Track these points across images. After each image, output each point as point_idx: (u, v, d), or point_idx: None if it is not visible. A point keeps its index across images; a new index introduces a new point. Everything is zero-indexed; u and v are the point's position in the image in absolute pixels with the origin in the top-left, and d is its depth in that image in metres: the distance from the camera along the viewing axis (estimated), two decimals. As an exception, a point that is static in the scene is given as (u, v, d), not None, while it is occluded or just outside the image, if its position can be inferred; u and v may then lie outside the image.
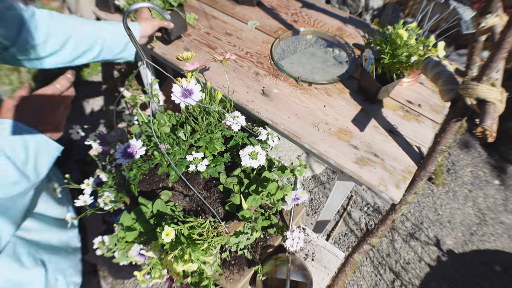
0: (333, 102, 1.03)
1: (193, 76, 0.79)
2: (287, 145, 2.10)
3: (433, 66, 0.85)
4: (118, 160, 0.74)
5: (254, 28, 1.28)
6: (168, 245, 0.66)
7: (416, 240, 1.85)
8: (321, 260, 0.93)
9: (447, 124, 0.78)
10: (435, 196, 2.04)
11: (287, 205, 0.78)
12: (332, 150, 0.91)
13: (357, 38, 1.25)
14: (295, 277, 0.79)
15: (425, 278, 1.72)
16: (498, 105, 0.65)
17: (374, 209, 1.97)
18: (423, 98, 1.06)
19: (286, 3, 1.41)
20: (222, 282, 0.82)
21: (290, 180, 0.88)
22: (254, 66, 1.13)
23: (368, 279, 1.71)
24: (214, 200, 0.89)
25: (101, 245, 0.80)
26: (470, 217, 1.96)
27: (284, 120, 0.97)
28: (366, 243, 0.96)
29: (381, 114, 1.00)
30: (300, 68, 1.17)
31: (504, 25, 0.59)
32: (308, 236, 0.97)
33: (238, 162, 0.91)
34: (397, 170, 0.88)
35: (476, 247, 1.84)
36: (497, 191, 2.08)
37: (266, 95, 1.04)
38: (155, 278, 0.66)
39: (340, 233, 1.87)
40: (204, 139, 0.90)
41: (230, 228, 0.78)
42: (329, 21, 1.32)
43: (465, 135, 2.34)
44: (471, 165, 2.19)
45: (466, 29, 0.80)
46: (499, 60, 0.61)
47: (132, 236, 0.75)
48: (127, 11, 0.36)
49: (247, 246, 0.86)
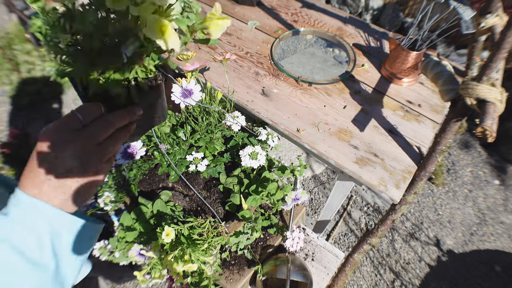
0: (333, 102, 1.03)
1: (193, 76, 0.79)
2: (287, 145, 2.10)
3: (433, 66, 0.85)
4: (118, 161, 0.75)
5: (254, 28, 1.28)
6: (168, 245, 0.66)
7: (416, 240, 1.85)
8: (321, 260, 0.93)
9: (447, 124, 0.78)
10: (435, 196, 2.04)
11: (287, 205, 0.78)
12: (332, 150, 0.91)
13: (357, 38, 1.25)
14: (295, 277, 0.79)
15: (425, 278, 1.72)
16: (498, 105, 0.65)
17: (374, 209, 1.97)
18: (423, 98, 1.06)
19: (286, 3, 1.41)
20: (222, 282, 0.82)
21: (290, 180, 0.88)
22: (254, 66, 1.13)
23: (368, 279, 1.71)
24: (214, 200, 0.89)
25: (103, 249, 0.80)
26: (470, 217, 1.96)
27: (284, 120, 0.97)
28: (366, 243, 0.96)
29: (381, 114, 1.00)
30: (300, 68, 1.17)
31: (504, 25, 0.59)
32: (308, 236, 0.97)
33: (238, 162, 0.91)
34: (397, 170, 0.88)
35: (476, 247, 1.84)
36: (497, 191, 2.08)
37: (266, 95, 1.04)
38: (155, 278, 0.66)
39: (340, 233, 1.87)
40: (204, 139, 0.90)
41: (230, 228, 0.78)
42: (329, 21, 1.32)
43: (465, 135, 2.34)
44: (471, 165, 2.19)
45: (466, 29, 0.80)
46: (499, 60, 0.61)
47: (132, 236, 0.75)
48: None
49: (247, 246, 0.86)
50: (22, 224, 0.35)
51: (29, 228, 0.35)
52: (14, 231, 0.35)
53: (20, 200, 0.35)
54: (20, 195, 0.36)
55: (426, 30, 0.97)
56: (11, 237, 0.34)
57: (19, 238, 0.34)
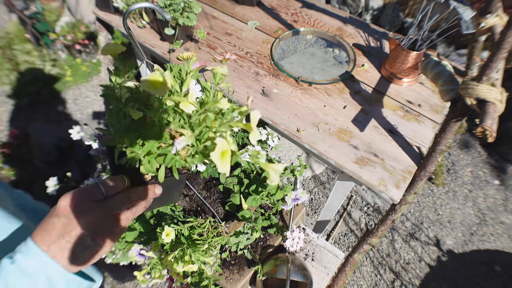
0: (333, 102, 1.03)
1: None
2: (287, 145, 2.10)
3: (433, 66, 0.85)
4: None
5: (254, 28, 1.28)
6: (168, 245, 0.66)
7: (416, 240, 1.85)
8: (321, 260, 0.93)
9: (447, 124, 0.78)
10: (435, 196, 2.04)
11: (287, 205, 0.78)
12: (332, 150, 0.91)
13: (357, 38, 1.25)
14: (295, 277, 0.79)
15: (425, 278, 1.72)
16: (498, 105, 0.65)
17: (374, 209, 1.97)
18: (423, 98, 1.06)
19: (286, 3, 1.41)
20: (222, 282, 0.82)
21: (290, 180, 0.88)
22: (254, 66, 1.13)
23: (368, 279, 1.71)
24: (214, 200, 0.89)
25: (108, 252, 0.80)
26: (470, 217, 1.96)
27: (284, 120, 0.97)
28: (366, 243, 0.96)
29: (381, 114, 1.00)
30: (300, 68, 1.17)
31: (504, 25, 0.59)
32: (308, 236, 0.97)
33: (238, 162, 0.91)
34: (397, 170, 0.88)
35: (476, 247, 1.84)
36: (497, 191, 2.08)
37: (266, 95, 1.04)
38: (155, 278, 0.66)
39: (340, 233, 1.87)
40: (204, 139, 0.90)
41: (230, 228, 0.78)
42: (329, 21, 1.32)
43: (465, 135, 2.34)
44: (471, 165, 2.19)
45: (466, 29, 0.80)
46: (499, 60, 0.61)
47: (132, 236, 0.75)
48: (127, 11, 0.36)
49: (247, 246, 0.86)
50: (25, 275, 0.37)
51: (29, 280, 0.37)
52: (16, 279, 0.37)
53: (30, 250, 0.38)
54: (32, 246, 0.38)
55: (426, 30, 0.97)
56: (12, 286, 0.36)
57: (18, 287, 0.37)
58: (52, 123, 2.14)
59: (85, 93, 2.36)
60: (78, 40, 2.28)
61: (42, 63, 2.31)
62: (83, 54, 2.38)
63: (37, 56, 2.32)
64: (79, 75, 2.36)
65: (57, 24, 2.33)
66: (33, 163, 1.87)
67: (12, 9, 2.25)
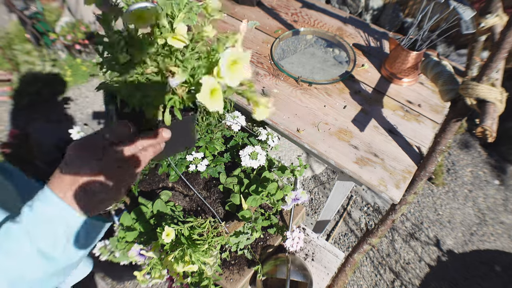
0: (333, 102, 1.03)
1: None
2: (287, 145, 2.10)
3: (433, 66, 0.85)
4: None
5: (254, 28, 1.28)
6: (168, 245, 0.66)
7: (416, 240, 1.85)
8: (321, 260, 0.93)
9: (447, 124, 0.78)
10: (435, 196, 2.04)
11: (287, 205, 0.78)
12: (332, 150, 0.91)
13: (357, 38, 1.25)
14: (295, 277, 0.79)
15: (425, 278, 1.72)
16: (498, 105, 0.65)
17: (374, 209, 1.97)
18: (423, 98, 1.06)
19: (286, 3, 1.41)
20: (222, 282, 0.82)
21: (290, 180, 0.88)
22: (254, 66, 1.13)
23: (368, 279, 1.71)
24: (214, 200, 0.89)
25: (103, 249, 0.80)
26: (470, 217, 1.96)
27: (284, 120, 0.97)
28: (366, 243, 0.96)
29: (381, 114, 1.00)
30: (300, 68, 1.17)
31: (504, 25, 0.59)
32: (308, 236, 0.97)
33: (238, 162, 0.91)
34: (397, 170, 0.88)
35: (476, 247, 1.84)
36: (497, 191, 2.08)
37: (266, 95, 1.04)
38: (155, 278, 0.66)
39: (340, 233, 1.87)
40: (204, 139, 0.90)
41: (230, 228, 0.78)
42: (329, 21, 1.32)
43: (465, 135, 2.34)
44: (471, 165, 2.19)
45: (466, 29, 0.80)
46: (499, 60, 0.61)
47: (132, 236, 0.75)
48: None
49: (247, 246, 0.86)
50: (44, 221, 0.39)
51: (49, 226, 0.39)
52: (37, 226, 0.39)
53: (47, 197, 0.39)
54: (49, 194, 0.39)
55: (426, 30, 0.97)
56: (33, 232, 0.38)
57: (39, 234, 0.38)
58: (52, 123, 2.14)
59: (85, 93, 2.36)
60: (78, 40, 2.29)
61: (42, 63, 2.31)
62: (83, 54, 2.38)
63: (37, 56, 2.32)
64: (79, 75, 2.36)
65: (57, 24, 2.33)
66: (33, 163, 1.87)
67: (12, 9, 2.25)
